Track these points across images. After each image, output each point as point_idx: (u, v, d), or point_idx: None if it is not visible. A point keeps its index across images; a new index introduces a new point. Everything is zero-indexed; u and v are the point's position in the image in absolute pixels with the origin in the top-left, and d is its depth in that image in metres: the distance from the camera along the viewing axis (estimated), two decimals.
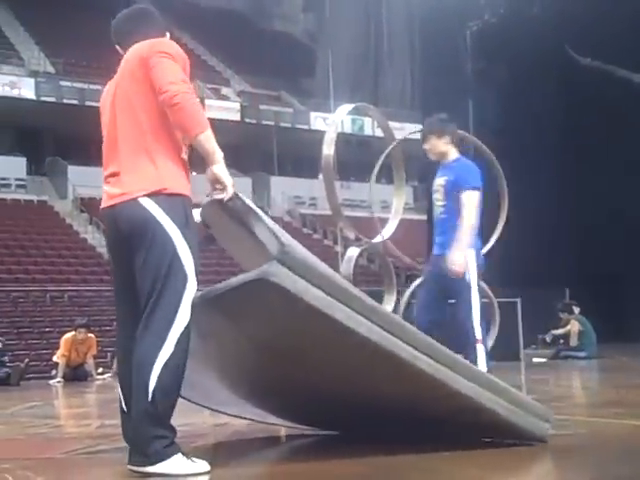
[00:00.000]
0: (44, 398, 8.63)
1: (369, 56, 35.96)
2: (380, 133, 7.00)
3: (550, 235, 13.81)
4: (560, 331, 12.03)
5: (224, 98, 31.68)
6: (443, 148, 4.95)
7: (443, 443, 3.04)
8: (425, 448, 3.01)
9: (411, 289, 7.66)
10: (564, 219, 13.91)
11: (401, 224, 8.34)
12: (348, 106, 3.56)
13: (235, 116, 29.96)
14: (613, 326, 12.18)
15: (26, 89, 27.27)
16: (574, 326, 11.77)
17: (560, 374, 9.06)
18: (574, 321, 11.85)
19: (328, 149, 3.57)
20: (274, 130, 31.35)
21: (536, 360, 11.19)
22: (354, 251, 7.65)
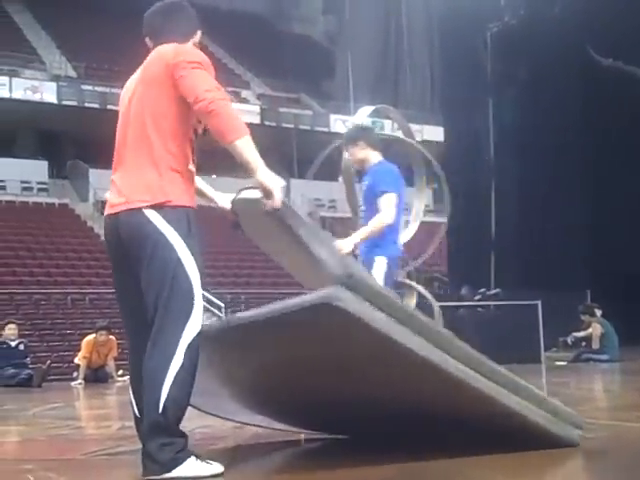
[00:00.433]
0: (65, 399, 8.67)
1: (389, 58, 35.91)
2: (400, 135, 7.00)
3: (571, 236, 13.72)
4: (582, 334, 11.94)
5: (244, 101, 31.74)
6: (360, 154, 5.03)
7: (469, 447, 3.02)
8: (451, 452, 2.99)
9: None
10: (586, 220, 13.82)
11: (421, 227, 8.33)
12: (369, 108, 3.55)
13: (255, 119, 30.01)
14: (635, 329, 12.06)
15: (48, 93, 27.46)
16: (596, 329, 11.68)
17: (582, 377, 9.00)
18: (596, 324, 11.76)
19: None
20: (294, 133, 31.36)
21: (558, 363, 11.12)
22: None
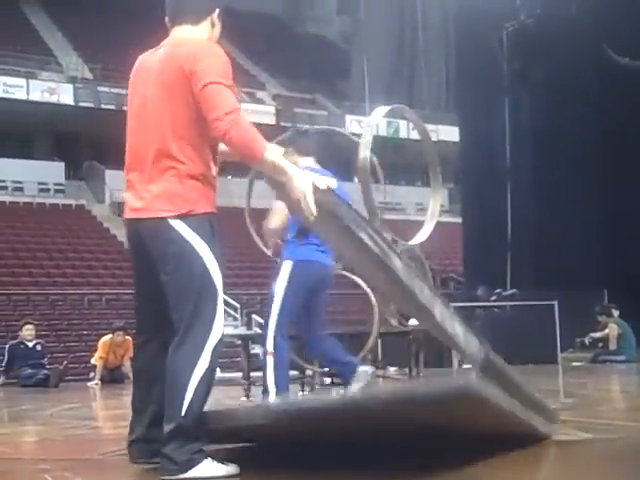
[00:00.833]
0: (82, 400, 8.71)
1: (404, 58, 35.87)
2: (415, 136, 6.99)
3: (588, 236, 13.64)
4: (598, 334, 11.87)
5: (259, 102, 31.81)
6: (290, 160, 5.15)
7: (474, 451, 3.00)
8: (460, 456, 2.98)
9: None
10: (603, 219, 13.73)
11: (436, 227, 8.30)
12: (384, 108, 3.55)
13: (270, 120, 30.05)
14: None
15: (65, 95, 27.62)
16: (613, 330, 11.62)
17: (599, 378, 8.95)
18: (613, 324, 11.69)
19: (364, 152, 3.55)
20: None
21: (575, 363, 11.06)
22: None
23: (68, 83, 28.35)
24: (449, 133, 25.58)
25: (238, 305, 17.87)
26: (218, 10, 3.10)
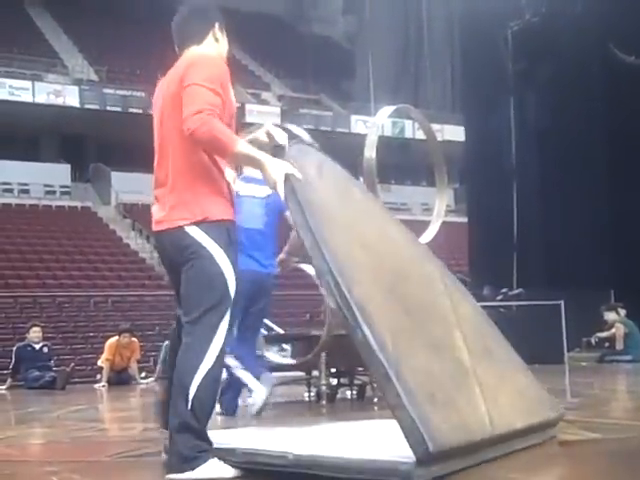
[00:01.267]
0: (89, 402, 8.72)
1: (409, 58, 35.86)
2: (421, 135, 6.98)
3: (595, 235, 13.61)
4: (605, 334, 11.86)
5: (264, 102, 31.82)
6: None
7: None
8: None
9: None
10: (608, 219, 13.70)
11: (442, 227, 8.28)
12: (390, 108, 3.55)
13: (275, 120, 30.05)
14: None
15: (70, 97, 27.65)
16: (619, 329, 11.60)
17: (605, 378, 8.93)
18: (619, 324, 11.67)
19: (370, 152, 3.55)
20: (314, 134, 31.33)
21: (582, 363, 11.05)
22: None
23: (74, 85, 28.38)
24: (454, 133, 25.55)
25: None
26: (217, 24, 3.18)
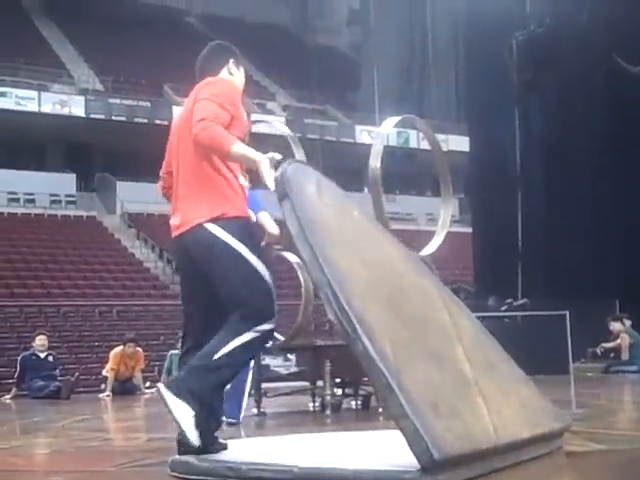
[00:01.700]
0: (94, 411, 8.72)
1: (414, 68, 35.91)
2: (425, 145, 7.00)
3: (600, 245, 13.59)
4: (610, 344, 11.83)
5: (270, 112, 31.86)
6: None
7: None
8: None
9: None
10: (614, 229, 13.69)
11: (447, 237, 8.28)
12: (395, 118, 3.56)
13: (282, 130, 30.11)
14: None
15: (76, 107, 27.71)
16: (624, 340, 11.57)
17: (611, 388, 8.91)
18: (624, 335, 11.64)
19: (375, 162, 3.57)
20: (319, 144, 31.42)
21: (587, 374, 11.01)
22: None
23: (80, 95, 28.47)
24: (459, 143, 25.56)
25: None
26: (232, 61, 3.44)
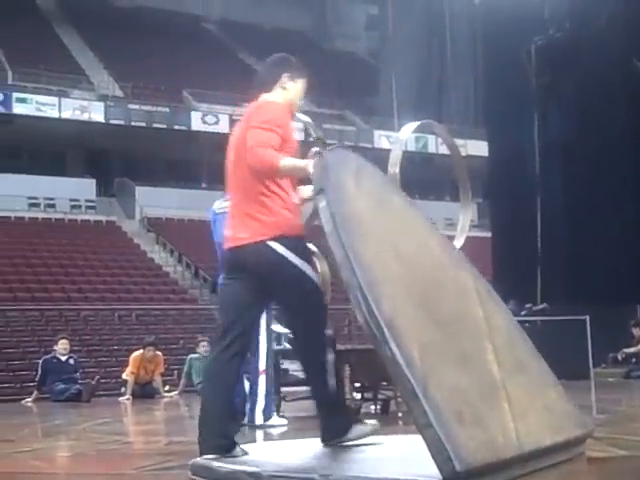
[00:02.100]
0: (114, 415, 8.77)
1: (432, 73, 35.85)
2: (444, 150, 7.02)
3: (620, 249, 13.49)
4: (632, 349, 11.75)
5: None
6: None
7: None
8: None
9: None
10: (634, 233, 13.59)
11: (466, 242, 8.26)
12: (414, 124, 3.55)
13: (299, 136, 30.12)
14: None
15: (96, 113, 27.88)
16: None
17: (632, 394, 8.85)
18: None
19: (393, 167, 3.58)
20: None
21: (608, 379, 10.93)
22: None
23: (99, 101, 28.64)
24: (478, 148, 25.47)
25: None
26: (286, 75, 3.61)
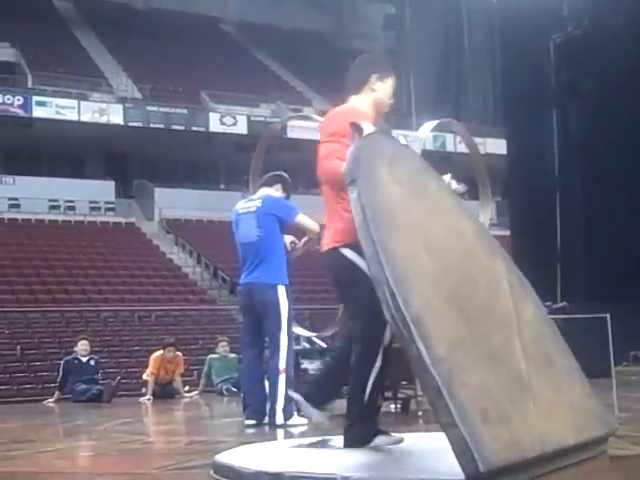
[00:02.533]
0: (135, 415, 8.81)
1: (450, 72, 35.75)
2: (462, 149, 6.99)
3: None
4: None
5: (306, 118, 31.91)
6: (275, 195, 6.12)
7: None
8: None
9: None
10: None
11: None
12: (432, 122, 3.56)
13: (317, 136, 30.08)
14: None
15: (115, 115, 28.02)
16: None
17: None
18: None
19: None
20: None
21: (630, 377, 10.85)
22: None
23: (118, 103, 28.77)
24: (496, 146, 25.36)
25: None
26: (375, 75, 3.83)
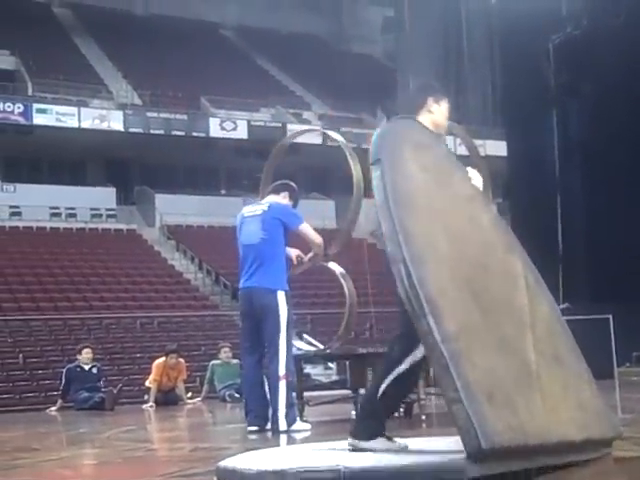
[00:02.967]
0: (138, 422, 8.80)
1: (449, 74, 35.74)
2: (462, 151, 6.99)
3: None
4: None
5: (305, 122, 31.92)
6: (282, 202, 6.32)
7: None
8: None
9: None
10: None
11: None
12: None
13: (317, 139, 30.12)
14: None
15: (115, 122, 28.02)
16: None
17: None
18: None
19: None
20: (356, 152, 31.39)
21: (633, 378, 10.84)
22: None
23: (118, 110, 28.78)
24: (497, 148, 25.34)
25: None
26: (431, 98, 3.71)
